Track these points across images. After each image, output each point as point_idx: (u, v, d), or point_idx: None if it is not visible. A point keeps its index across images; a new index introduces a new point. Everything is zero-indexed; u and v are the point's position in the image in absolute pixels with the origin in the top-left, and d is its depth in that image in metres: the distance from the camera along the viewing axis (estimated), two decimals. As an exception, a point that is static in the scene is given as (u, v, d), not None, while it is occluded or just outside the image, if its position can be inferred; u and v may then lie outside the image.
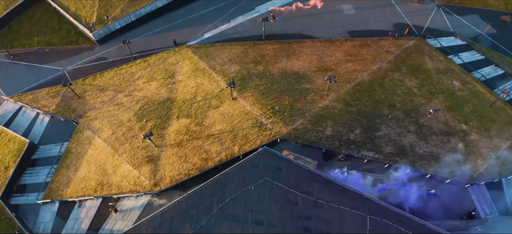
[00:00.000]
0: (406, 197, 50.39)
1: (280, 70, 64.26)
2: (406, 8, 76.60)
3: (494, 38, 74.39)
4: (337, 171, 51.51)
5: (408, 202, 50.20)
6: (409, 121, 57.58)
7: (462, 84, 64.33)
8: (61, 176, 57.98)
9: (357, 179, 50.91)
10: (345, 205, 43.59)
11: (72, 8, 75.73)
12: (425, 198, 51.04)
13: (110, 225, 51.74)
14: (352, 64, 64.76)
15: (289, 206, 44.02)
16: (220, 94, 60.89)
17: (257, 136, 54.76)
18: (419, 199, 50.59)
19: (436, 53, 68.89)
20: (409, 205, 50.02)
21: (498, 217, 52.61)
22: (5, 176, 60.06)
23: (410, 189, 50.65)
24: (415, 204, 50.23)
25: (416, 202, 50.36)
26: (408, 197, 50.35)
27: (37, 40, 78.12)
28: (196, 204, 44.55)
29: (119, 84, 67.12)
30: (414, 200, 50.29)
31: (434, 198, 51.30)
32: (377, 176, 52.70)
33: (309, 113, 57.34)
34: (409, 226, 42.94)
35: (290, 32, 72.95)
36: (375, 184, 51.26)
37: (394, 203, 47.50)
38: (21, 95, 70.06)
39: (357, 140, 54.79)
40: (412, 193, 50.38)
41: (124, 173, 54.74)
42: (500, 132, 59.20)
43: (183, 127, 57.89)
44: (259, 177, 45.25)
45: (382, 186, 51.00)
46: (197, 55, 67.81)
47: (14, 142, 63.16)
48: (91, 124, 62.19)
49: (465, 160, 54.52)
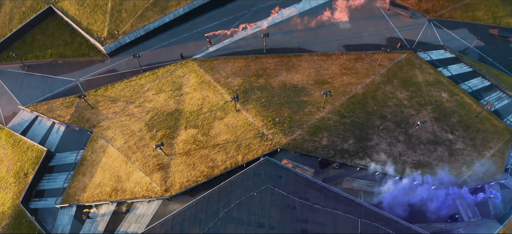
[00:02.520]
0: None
1: (280, 83, 68.93)
2: (398, 23, 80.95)
3: (482, 51, 78.39)
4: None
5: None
6: (399, 131, 62.24)
7: (450, 95, 68.69)
8: (77, 182, 62.67)
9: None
10: (338, 209, 48.53)
11: (84, 23, 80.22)
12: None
13: (124, 228, 56.46)
14: (347, 78, 69.42)
15: (288, 210, 48.89)
16: (224, 106, 65.58)
17: (259, 146, 59.44)
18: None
19: (426, 66, 73.06)
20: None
21: (480, 220, 57.35)
22: (24, 182, 64.62)
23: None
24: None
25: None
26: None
27: (50, 52, 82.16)
28: (204, 208, 49.39)
29: (130, 96, 71.80)
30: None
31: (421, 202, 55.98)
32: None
33: (306, 125, 61.88)
34: (396, 228, 47.85)
35: (289, 46, 77.46)
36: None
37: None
38: (36, 105, 74.44)
39: (350, 149, 59.41)
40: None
41: (137, 180, 59.47)
42: (484, 141, 63.65)
43: (191, 136, 62.61)
44: (261, 184, 50.14)
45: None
46: (202, 68, 72.49)
47: (32, 150, 67.69)
48: (105, 133, 66.89)
49: (450, 167, 59.21)
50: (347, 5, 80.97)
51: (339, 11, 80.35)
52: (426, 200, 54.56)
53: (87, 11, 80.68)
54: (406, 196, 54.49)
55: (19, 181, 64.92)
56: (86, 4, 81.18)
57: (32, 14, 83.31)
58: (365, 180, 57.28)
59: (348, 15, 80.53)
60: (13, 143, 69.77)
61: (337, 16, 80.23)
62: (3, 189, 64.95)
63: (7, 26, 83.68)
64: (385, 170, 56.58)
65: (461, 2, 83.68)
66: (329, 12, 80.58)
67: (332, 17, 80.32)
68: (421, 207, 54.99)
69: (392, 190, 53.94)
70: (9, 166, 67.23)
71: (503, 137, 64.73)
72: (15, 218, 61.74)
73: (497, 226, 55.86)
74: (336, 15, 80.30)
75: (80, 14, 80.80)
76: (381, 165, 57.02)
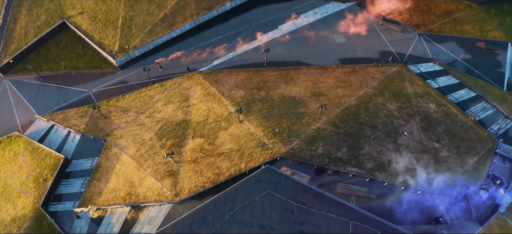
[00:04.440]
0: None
1: (279, 96, 74.44)
2: (390, 37, 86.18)
3: (470, 63, 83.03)
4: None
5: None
6: (389, 140, 67.66)
7: (437, 106, 73.76)
8: (93, 187, 68.18)
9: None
10: (331, 212, 54.10)
11: (97, 37, 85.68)
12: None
13: (138, 229, 61.94)
14: (342, 90, 74.91)
15: (287, 213, 54.47)
16: (228, 117, 71.09)
17: (260, 154, 64.92)
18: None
19: (416, 78, 77.98)
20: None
21: (462, 222, 62.73)
22: (44, 187, 70.02)
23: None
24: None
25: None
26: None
27: (64, 64, 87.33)
28: (212, 211, 54.97)
29: (140, 106, 77.35)
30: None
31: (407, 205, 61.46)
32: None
33: (303, 135, 67.23)
34: (384, 229, 53.32)
35: (288, 59, 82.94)
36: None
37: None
38: (52, 114, 79.87)
39: (343, 157, 64.83)
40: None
41: (148, 185, 65.01)
42: (468, 149, 68.92)
43: (198, 145, 68.14)
44: (262, 189, 55.74)
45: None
46: (207, 81, 78.02)
47: (50, 157, 73.13)
48: (118, 141, 72.42)
49: (436, 173, 64.62)
50: (346, 24, 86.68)
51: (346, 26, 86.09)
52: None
53: (99, 26, 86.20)
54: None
55: (38, 186, 70.34)
56: (98, 20, 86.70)
57: (46, 28, 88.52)
58: (357, 185, 62.75)
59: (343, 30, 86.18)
60: (31, 150, 75.21)
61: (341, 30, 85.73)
62: (24, 194, 70.36)
63: (23, 39, 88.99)
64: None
65: (450, 17, 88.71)
66: (327, 27, 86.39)
67: (328, 32, 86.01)
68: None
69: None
70: (29, 172, 72.68)
71: (486, 145, 69.64)
72: (36, 220, 67.12)
73: (478, 227, 61.06)
74: (337, 29, 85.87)
75: (92, 29, 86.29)
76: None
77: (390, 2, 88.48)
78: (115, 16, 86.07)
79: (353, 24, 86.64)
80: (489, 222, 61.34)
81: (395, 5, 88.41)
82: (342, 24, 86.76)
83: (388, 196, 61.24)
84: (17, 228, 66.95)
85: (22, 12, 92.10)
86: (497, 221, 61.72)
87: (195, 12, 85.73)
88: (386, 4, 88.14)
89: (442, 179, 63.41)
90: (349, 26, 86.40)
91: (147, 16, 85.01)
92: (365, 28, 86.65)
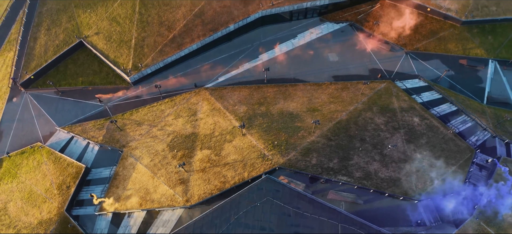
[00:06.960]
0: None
1: (278, 111, 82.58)
2: (380, 56, 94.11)
3: (452, 79, 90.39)
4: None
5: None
6: (375, 151, 75.63)
7: (421, 120, 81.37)
8: (112, 193, 76.23)
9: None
10: (323, 216, 62.22)
11: (112, 56, 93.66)
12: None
13: (153, 231, 69.98)
14: (334, 105, 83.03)
15: (284, 217, 62.64)
16: (232, 131, 79.25)
17: (261, 165, 73.00)
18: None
19: (402, 94, 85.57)
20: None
21: (440, 224, 70.55)
22: (67, 193, 77.80)
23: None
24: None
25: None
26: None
27: (81, 80, 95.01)
28: (219, 215, 63.08)
29: (152, 120, 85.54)
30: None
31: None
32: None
33: (299, 147, 75.10)
34: (369, 231, 61.43)
35: (287, 76, 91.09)
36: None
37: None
38: (71, 126, 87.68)
39: (335, 167, 72.87)
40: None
41: (162, 192, 73.16)
42: (448, 159, 76.68)
43: (206, 156, 76.31)
44: (263, 196, 63.98)
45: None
46: (213, 96, 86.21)
47: (72, 166, 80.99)
48: (133, 152, 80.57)
49: (417, 181, 72.56)
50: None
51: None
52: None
53: (113, 45, 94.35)
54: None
55: (62, 193, 78.22)
56: (113, 40, 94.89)
57: (64, 47, 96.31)
58: (346, 192, 70.85)
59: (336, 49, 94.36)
60: (54, 159, 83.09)
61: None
62: (49, 199, 78.26)
63: (43, 56, 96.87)
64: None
65: (435, 36, 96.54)
66: (321, 46, 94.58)
67: (323, 51, 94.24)
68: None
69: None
70: (53, 180, 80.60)
71: (464, 155, 77.13)
72: (61, 223, 74.81)
73: (453, 229, 68.86)
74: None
75: (108, 48, 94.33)
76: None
77: (380, 23, 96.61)
78: (128, 36, 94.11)
79: (346, 44, 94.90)
80: (464, 224, 69.01)
81: (385, 26, 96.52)
82: (335, 44, 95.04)
83: (374, 202, 69.21)
84: (44, 230, 74.70)
85: (41, 31, 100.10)
86: (471, 224, 69.19)
87: (202, 33, 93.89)
88: (377, 25, 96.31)
89: (423, 186, 71.21)
90: (342, 46, 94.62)
91: (158, 37, 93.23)
92: (356, 47, 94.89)
